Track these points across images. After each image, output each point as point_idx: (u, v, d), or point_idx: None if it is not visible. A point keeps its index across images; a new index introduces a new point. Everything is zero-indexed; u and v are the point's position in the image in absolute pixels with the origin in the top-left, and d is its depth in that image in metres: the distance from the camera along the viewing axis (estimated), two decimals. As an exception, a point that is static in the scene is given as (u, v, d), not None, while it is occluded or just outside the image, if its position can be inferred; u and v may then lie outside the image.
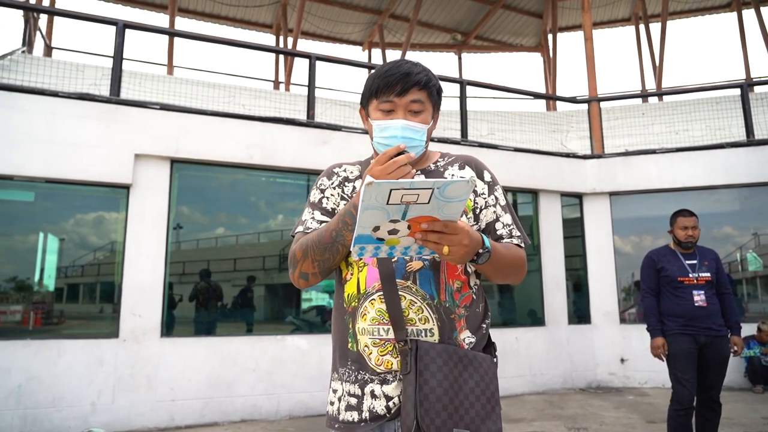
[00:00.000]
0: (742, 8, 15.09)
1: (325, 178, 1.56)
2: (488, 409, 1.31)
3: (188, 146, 5.71)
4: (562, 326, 7.37)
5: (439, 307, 1.36)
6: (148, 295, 5.38)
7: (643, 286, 3.91)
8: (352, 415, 1.37)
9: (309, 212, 1.51)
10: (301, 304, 6.72)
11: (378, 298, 1.36)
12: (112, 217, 5.64)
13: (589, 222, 7.83)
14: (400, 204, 1.07)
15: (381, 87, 1.42)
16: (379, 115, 1.43)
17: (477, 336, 1.41)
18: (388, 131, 1.41)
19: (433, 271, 1.38)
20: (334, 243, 1.35)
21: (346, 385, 1.40)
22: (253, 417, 5.50)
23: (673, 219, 3.95)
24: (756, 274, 8.14)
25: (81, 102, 5.40)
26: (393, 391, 1.33)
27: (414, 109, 1.42)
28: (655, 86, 14.57)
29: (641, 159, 7.79)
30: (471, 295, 1.43)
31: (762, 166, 7.37)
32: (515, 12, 15.45)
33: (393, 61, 1.46)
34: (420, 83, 1.42)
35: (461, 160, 1.54)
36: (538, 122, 9.51)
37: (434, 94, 1.47)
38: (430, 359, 1.28)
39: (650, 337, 3.78)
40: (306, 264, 1.40)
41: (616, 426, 5.13)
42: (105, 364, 5.10)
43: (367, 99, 1.48)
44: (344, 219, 1.33)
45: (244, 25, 15.27)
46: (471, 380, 1.31)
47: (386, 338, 1.35)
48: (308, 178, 6.47)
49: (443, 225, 1.14)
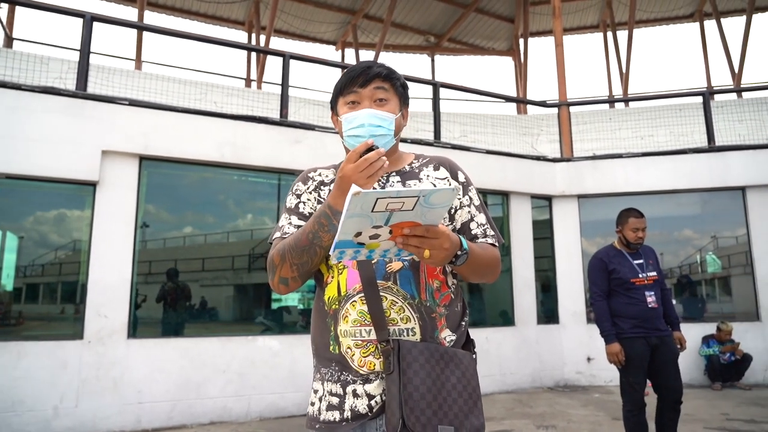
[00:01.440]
0: (704, 19, 15.65)
1: (300, 183, 1.56)
2: (470, 405, 1.33)
3: (158, 143, 5.59)
4: (531, 326, 7.50)
5: (420, 307, 1.37)
6: (114, 296, 5.24)
7: (593, 289, 3.78)
8: (333, 415, 1.37)
9: (286, 218, 1.51)
10: (271, 305, 6.65)
11: (359, 300, 1.37)
12: (78, 215, 5.47)
13: (558, 224, 7.99)
14: (384, 211, 1.08)
15: (344, 83, 1.46)
16: (346, 109, 1.46)
17: (457, 333, 1.43)
18: (355, 121, 1.42)
19: (413, 271, 1.39)
20: (311, 245, 1.35)
21: (328, 384, 1.40)
22: (223, 419, 5.42)
23: (623, 219, 3.82)
24: (714, 275, 8.45)
25: (45, 96, 5.23)
26: (375, 389, 1.34)
27: (379, 96, 1.45)
28: (621, 92, 14.97)
29: (609, 163, 7.99)
30: (450, 294, 1.45)
31: (722, 171, 7.66)
32: (488, 16, 15.66)
33: (357, 63, 1.52)
34: (381, 75, 1.45)
35: (435, 161, 1.55)
36: (509, 125, 9.65)
37: (398, 87, 1.49)
38: (413, 358, 1.29)
39: (605, 342, 3.69)
40: (285, 268, 1.39)
41: (583, 423, 5.24)
42: (69, 367, 4.94)
43: (335, 100, 1.51)
44: (320, 220, 1.33)
45: (215, 22, 15.05)
46: (453, 377, 1.33)
47: (368, 339, 1.35)
48: (279, 177, 6.40)
49: (425, 230, 1.16)
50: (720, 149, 7.78)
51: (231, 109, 6.72)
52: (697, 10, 15.57)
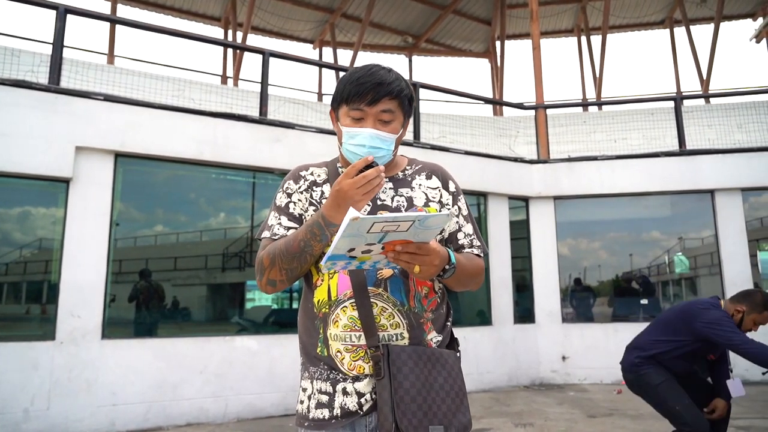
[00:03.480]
0: (674, 26, 16.08)
1: (291, 181, 1.54)
2: (457, 403, 1.36)
3: (135, 140, 5.48)
4: (508, 326, 7.59)
5: (409, 313, 1.39)
6: (88, 295, 5.11)
7: (741, 337, 3.16)
8: (322, 413, 1.37)
9: (276, 217, 1.49)
10: (245, 305, 6.58)
11: (350, 306, 1.38)
12: (50, 213, 5.32)
13: (535, 224, 8.11)
14: (379, 232, 1.12)
15: (352, 94, 1.40)
16: (349, 121, 1.43)
17: (443, 334, 1.46)
18: (357, 139, 1.41)
19: (403, 278, 1.41)
20: (302, 253, 1.35)
21: (317, 383, 1.41)
22: (200, 420, 5.35)
23: (761, 309, 3.29)
24: (684, 275, 8.69)
25: (16, 89, 5.07)
26: (365, 387, 1.35)
27: (384, 119, 1.42)
28: (595, 96, 15.27)
29: (584, 165, 8.14)
30: (436, 300, 1.48)
31: (692, 174, 7.88)
32: (465, 18, 15.79)
33: (365, 67, 1.44)
34: (392, 93, 1.41)
35: (428, 169, 1.57)
36: (487, 127, 9.76)
37: (405, 104, 1.46)
38: (402, 362, 1.32)
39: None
40: (274, 272, 1.39)
41: (559, 421, 5.33)
42: (40, 368, 4.80)
43: (338, 103, 1.47)
44: (312, 230, 1.33)
45: (190, 17, 14.82)
46: (440, 377, 1.36)
47: (358, 344, 1.37)
48: (254, 175, 6.32)
49: (416, 247, 1.20)
50: (691, 153, 8.00)
51: (209, 106, 6.64)
52: (667, 17, 15.99)
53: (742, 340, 3.11)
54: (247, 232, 6.51)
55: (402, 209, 1.45)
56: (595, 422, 5.29)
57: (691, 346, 3.29)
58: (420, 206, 1.48)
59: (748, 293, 3.38)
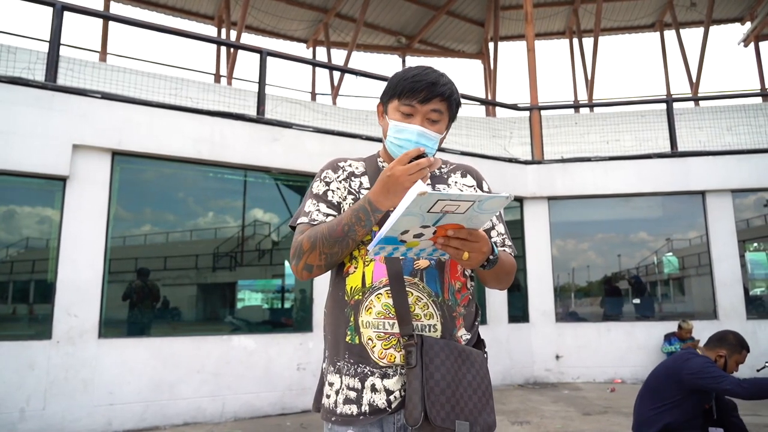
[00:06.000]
0: (665, 29, 16.27)
1: (330, 170, 1.56)
2: (483, 402, 1.38)
3: (132, 139, 5.46)
4: (502, 325, 7.65)
5: (443, 305, 1.41)
6: (85, 295, 5.09)
7: (730, 380, 3.16)
8: (350, 408, 1.38)
9: (314, 204, 1.51)
10: (236, 304, 6.57)
11: (385, 293, 1.39)
12: (46, 211, 5.28)
13: (529, 225, 8.17)
14: (438, 213, 1.12)
15: (406, 90, 1.44)
16: (398, 116, 1.47)
17: (471, 333, 1.48)
18: (404, 134, 1.45)
19: (439, 270, 1.43)
20: (345, 237, 1.37)
21: (346, 378, 1.41)
22: (197, 420, 5.34)
23: (739, 348, 3.32)
24: (675, 276, 8.81)
25: (12, 86, 5.03)
26: (394, 385, 1.36)
27: (432, 118, 1.46)
28: (587, 97, 15.40)
29: (578, 166, 8.22)
30: (468, 296, 1.50)
31: (684, 176, 7.99)
32: (459, 19, 15.86)
33: (421, 66, 1.49)
34: (444, 95, 1.45)
35: (462, 169, 1.63)
36: (481, 127, 9.81)
37: (453, 107, 1.51)
38: (435, 353, 1.33)
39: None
40: (313, 256, 1.40)
41: (555, 419, 5.39)
42: (36, 368, 4.77)
43: (389, 97, 1.50)
44: (358, 214, 1.35)
45: (184, 15, 14.74)
46: (468, 374, 1.38)
47: (391, 332, 1.38)
48: (245, 173, 6.31)
49: (468, 233, 1.22)
50: (682, 155, 8.11)
51: (206, 105, 6.62)
52: (658, 21, 16.17)
53: (732, 383, 3.10)
54: (240, 231, 6.50)
55: None
56: (590, 420, 5.36)
57: (689, 401, 3.21)
58: None
59: (721, 337, 3.37)
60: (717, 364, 3.25)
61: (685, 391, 3.21)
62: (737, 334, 3.37)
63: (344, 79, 15.32)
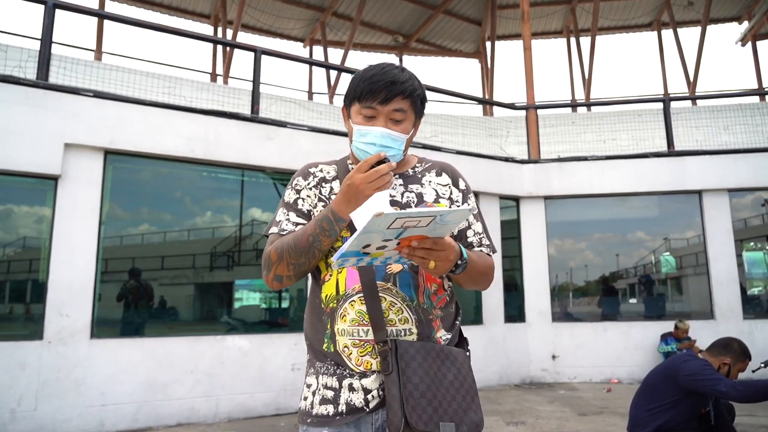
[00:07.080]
0: (662, 28, 16.26)
1: (300, 178, 1.53)
2: (468, 401, 1.35)
3: (125, 137, 5.41)
4: (498, 325, 7.62)
5: (418, 308, 1.39)
6: (77, 294, 5.04)
7: (727, 382, 3.14)
8: (327, 409, 1.35)
9: (284, 213, 1.48)
10: (233, 304, 6.53)
11: (358, 300, 1.37)
12: (38, 211, 5.24)
13: (526, 224, 8.15)
14: (399, 228, 1.11)
15: (365, 92, 1.40)
16: (360, 119, 1.43)
17: (452, 333, 1.45)
18: (368, 137, 1.41)
19: (413, 274, 1.40)
20: (311, 248, 1.35)
21: (323, 378, 1.39)
22: (191, 420, 5.30)
23: (742, 356, 3.29)
24: (673, 275, 8.79)
25: (4, 85, 4.97)
26: (372, 384, 1.33)
27: (396, 117, 1.41)
28: (584, 96, 15.38)
29: (574, 165, 8.20)
30: (446, 297, 1.47)
31: (680, 175, 7.97)
32: (456, 18, 15.84)
33: (379, 65, 1.44)
34: (405, 93, 1.41)
35: (438, 167, 1.57)
36: (478, 126, 9.79)
37: (418, 104, 1.46)
38: (410, 357, 1.31)
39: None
40: (281, 267, 1.38)
41: (551, 419, 5.36)
42: (27, 368, 4.73)
43: (350, 100, 1.46)
44: (322, 224, 1.33)
45: (179, 14, 14.70)
46: (449, 374, 1.35)
47: (366, 339, 1.35)
48: (242, 173, 6.28)
49: (432, 242, 1.19)
50: (679, 154, 8.09)
51: (200, 104, 6.58)
52: (655, 20, 16.17)
53: (726, 385, 3.08)
54: (235, 231, 6.47)
55: (412, 205, 1.45)
56: (586, 420, 5.33)
57: (684, 403, 3.19)
58: (430, 202, 1.47)
59: (726, 344, 3.32)
60: (720, 372, 3.22)
61: (681, 393, 3.19)
62: (741, 343, 3.34)
63: (341, 79, 15.29)
